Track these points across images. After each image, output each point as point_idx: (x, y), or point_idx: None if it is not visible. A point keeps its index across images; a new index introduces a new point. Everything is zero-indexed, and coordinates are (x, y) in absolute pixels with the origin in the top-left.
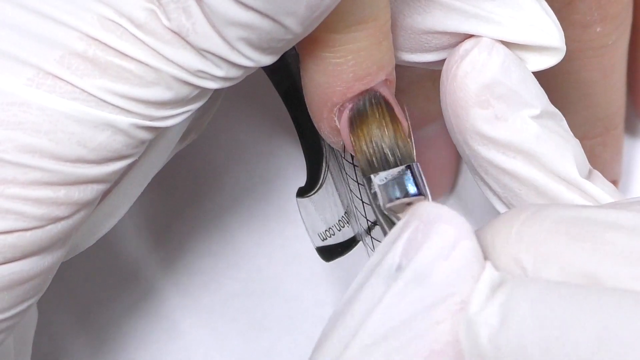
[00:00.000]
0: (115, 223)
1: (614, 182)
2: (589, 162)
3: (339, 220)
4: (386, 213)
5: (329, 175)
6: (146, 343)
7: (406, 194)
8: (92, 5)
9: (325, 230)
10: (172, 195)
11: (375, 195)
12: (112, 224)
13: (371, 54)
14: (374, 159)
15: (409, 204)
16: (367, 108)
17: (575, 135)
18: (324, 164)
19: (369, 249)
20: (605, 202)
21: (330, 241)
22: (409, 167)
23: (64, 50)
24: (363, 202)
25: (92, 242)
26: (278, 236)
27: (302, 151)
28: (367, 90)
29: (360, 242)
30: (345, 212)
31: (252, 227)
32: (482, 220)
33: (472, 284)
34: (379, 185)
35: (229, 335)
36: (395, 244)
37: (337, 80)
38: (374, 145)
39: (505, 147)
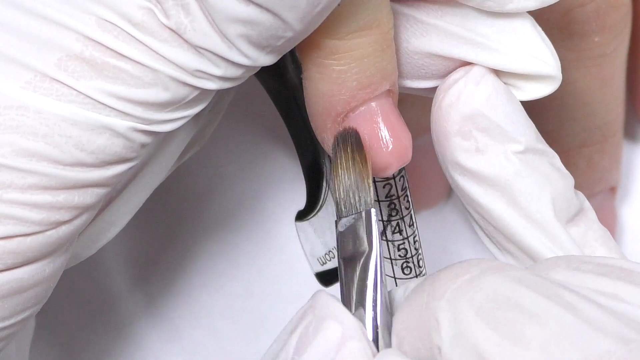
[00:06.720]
0: (117, 232)
1: (613, 189)
2: (588, 169)
3: None
4: (341, 261)
5: (329, 194)
6: (146, 343)
7: (355, 247)
8: (90, 6)
9: (325, 254)
10: (173, 197)
11: (337, 241)
12: (114, 233)
13: (375, 61)
14: (341, 202)
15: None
16: (336, 148)
17: (574, 143)
18: (324, 184)
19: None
20: (572, 253)
21: (330, 265)
22: (367, 212)
23: (61, 53)
24: None
25: (94, 252)
26: (278, 237)
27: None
28: (344, 127)
29: None
30: None
31: (252, 227)
32: None
33: None
34: (339, 232)
35: (229, 336)
36: (291, 336)
37: (341, 88)
38: (342, 188)
39: (482, 180)
